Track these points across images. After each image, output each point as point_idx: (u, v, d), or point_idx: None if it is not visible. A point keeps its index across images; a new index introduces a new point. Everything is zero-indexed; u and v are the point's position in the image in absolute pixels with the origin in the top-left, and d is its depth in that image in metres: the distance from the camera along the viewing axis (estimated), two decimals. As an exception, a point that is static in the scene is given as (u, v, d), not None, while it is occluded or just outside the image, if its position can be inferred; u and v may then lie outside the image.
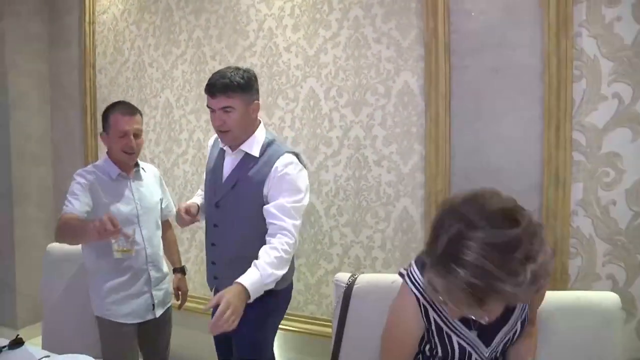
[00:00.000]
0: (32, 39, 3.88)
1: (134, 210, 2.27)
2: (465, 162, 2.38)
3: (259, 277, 1.74)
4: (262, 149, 1.97)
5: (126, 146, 2.20)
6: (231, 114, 1.90)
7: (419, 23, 2.46)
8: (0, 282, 3.89)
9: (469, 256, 0.99)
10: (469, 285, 0.99)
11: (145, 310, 2.31)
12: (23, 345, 1.96)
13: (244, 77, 1.90)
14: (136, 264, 2.26)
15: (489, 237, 1.01)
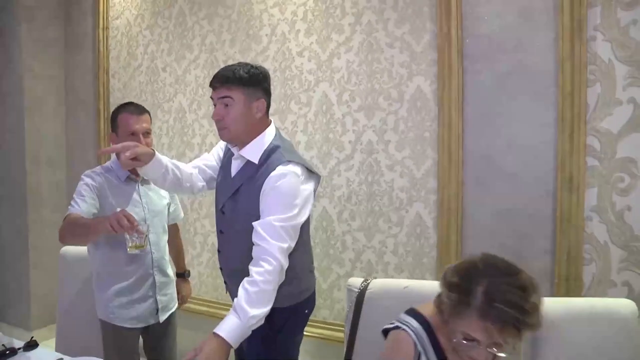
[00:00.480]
0: (47, 45, 3.97)
1: (142, 213, 2.25)
2: (478, 168, 2.39)
3: (238, 323, 1.60)
4: (264, 155, 1.81)
5: (141, 142, 2.14)
6: (230, 108, 1.78)
7: (432, 27, 2.48)
8: (14, 285, 3.98)
9: (508, 295, 1.23)
10: (509, 318, 1.22)
11: (149, 314, 2.30)
12: (37, 347, 2.01)
13: (248, 72, 1.79)
14: (142, 268, 2.25)
15: (515, 282, 1.26)
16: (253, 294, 1.62)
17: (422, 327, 1.41)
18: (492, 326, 1.21)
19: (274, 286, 1.67)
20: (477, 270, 1.29)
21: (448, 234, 2.44)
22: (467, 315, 1.24)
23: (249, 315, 1.59)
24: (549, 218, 2.25)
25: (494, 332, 1.21)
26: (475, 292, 1.24)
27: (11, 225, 3.99)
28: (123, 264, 2.22)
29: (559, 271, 2.21)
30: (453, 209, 2.43)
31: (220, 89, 1.79)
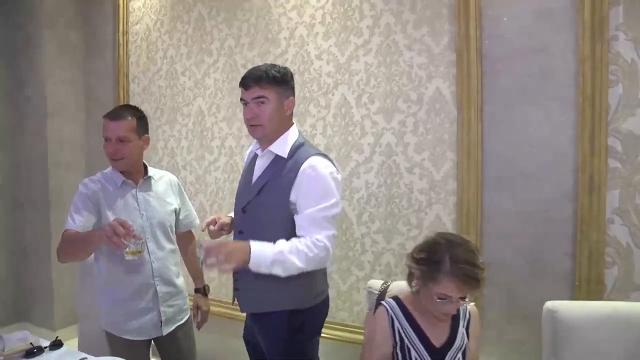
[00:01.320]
0: (68, 50, 4.10)
1: (139, 220, 2.18)
2: (498, 169, 2.41)
3: (269, 249, 1.70)
4: (292, 150, 1.89)
5: (107, 152, 2.15)
6: (264, 106, 1.85)
7: (451, 29, 2.51)
8: (38, 286, 4.12)
9: (468, 257, 1.62)
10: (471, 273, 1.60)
11: (152, 327, 2.23)
12: (62, 347, 2.09)
13: (279, 71, 1.87)
14: (141, 279, 2.18)
15: (468, 248, 1.65)
16: (295, 247, 1.72)
17: (395, 302, 1.81)
18: (459, 282, 1.58)
19: (313, 257, 1.73)
20: (440, 245, 1.64)
21: (467, 236, 2.43)
22: (440, 278, 1.60)
23: (279, 250, 1.70)
24: (569, 220, 2.26)
25: (462, 287, 1.59)
26: (444, 260, 1.60)
27: (34, 227, 4.12)
28: (121, 274, 2.17)
29: (580, 274, 2.23)
30: (472, 211, 2.45)
31: (254, 88, 1.85)
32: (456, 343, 1.75)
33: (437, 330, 1.76)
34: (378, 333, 1.78)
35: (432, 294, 1.63)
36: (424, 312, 1.75)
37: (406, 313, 1.77)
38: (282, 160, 1.88)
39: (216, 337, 3.15)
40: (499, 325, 2.39)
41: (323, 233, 1.76)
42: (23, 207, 4.18)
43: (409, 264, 1.74)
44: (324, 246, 1.75)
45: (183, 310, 2.36)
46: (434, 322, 1.75)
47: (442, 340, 1.75)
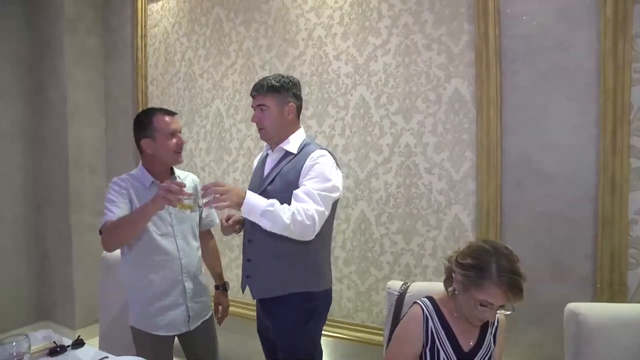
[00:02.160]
0: (88, 54, 4.21)
1: (168, 218, 2.27)
2: (517, 169, 2.42)
3: (263, 201, 1.89)
4: (300, 147, 2.13)
5: (177, 145, 2.27)
6: (266, 112, 2.12)
7: (470, 28, 2.53)
8: (59, 285, 4.25)
9: (513, 267, 1.62)
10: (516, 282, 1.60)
11: (181, 322, 2.31)
12: (84, 346, 2.14)
13: (279, 81, 2.11)
14: (171, 275, 2.27)
15: (513, 258, 1.64)
16: (285, 206, 1.90)
17: (430, 302, 1.81)
18: (504, 291, 1.59)
19: (299, 220, 1.89)
20: (487, 252, 1.64)
21: (487, 237, 2.46)
22: (485, 285, 1.61)
23: (271, 203, 1.88)
24: (590, 221, 2.25)
25: (505, 295, 1.59)
26: (490, 268, 1.61)
27: (55, 228, 4.24)
28: (151, 271, 2.25)
29: (602, 276, 2.22)
30: (492, 212, 2.46)
31: (257, 97, 2.14)
32: (483, 349, 1.78)
33: (467, 334, 1.78)
34: (411, 330, 1.79)
35: (474, 299, 1.64)
36: (456, 315, 1.77)
37: (440, 314, 1.78)
38: (292, 155, 2.12)
39: (236, 337, 3.18)
40: (519, 327, 2.39)
41: (314, 206, 1.92)
42: (44, 208, 4.31)
43: (451, 267, 1.75)
44: (311, 216, 1.90)
45: (207, 306, 2.46)
46: (465, 326, 1.77)
47: (471, 345, 1.77)
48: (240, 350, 3.32)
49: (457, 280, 1.70)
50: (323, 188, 1.97)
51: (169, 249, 2.26)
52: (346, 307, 2.95)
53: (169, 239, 2.26)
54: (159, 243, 2.24)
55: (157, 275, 2.25)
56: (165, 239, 2.25)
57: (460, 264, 1.69)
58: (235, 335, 3.05)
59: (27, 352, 1.75)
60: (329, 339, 2.90)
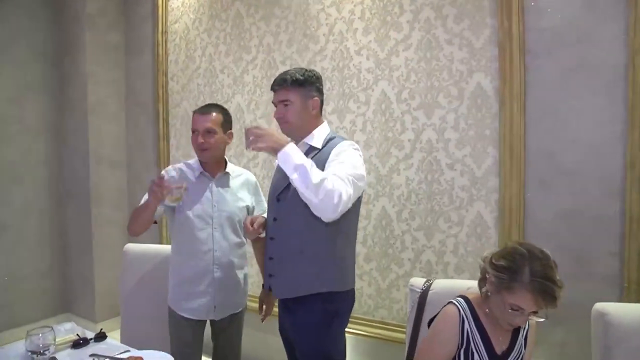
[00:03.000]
0: (109, 50, 4.31)
1: (210, 210, 2.39)
2: (541, 166, 2.41)
3: (301, 156, 1.82)
4: (325, 141, 2.07)
5: (194, 143, 2.39)
6: (289, 107, 2.04)
7: (493, 22, 2.52)
8: (80, 279, 4.38)
9: (547, 272, 1.58)
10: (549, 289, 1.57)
11: (206, 310, 2.42)
12: (106, 339, 2.21)
13: (303, 75, 2.05)
14: (202, 264, 2.39)
15: (548, 263, 1.62)
16: (320, 172, 1.81)
17: (465, 302, 1.78)
18: (535, 296, 1.56)
19: (328, 189, 1.78)
20: (521, 255, 1.62)
21: (509, 234, 2.47)
22: (516, 289, 1.59)
23: (304, 164, 1.79)
24: (617, 219, 2.24)
25: (537, 301, 1.57)
26: (523, 271, 1.58)
27: (76, 222, 4.36)
28: (185, 257, 2.42)
29: (629, 275, 2.21)
30: (515, 209, 2.46)
31: (280, 91, 2.07)
32: (515, 352, 1.77)
33: (500, 337, 1.76)
34: (446, 331, 1.76)
35: (505, 303, 1.62)
36: (490, 316, 1.75)
37: (475, 315, 1.76)
38: (316, 150, 2.05)
39: (259, 335, 3.21)
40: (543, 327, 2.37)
41: (345, 187, 1.81)
42: (66, 202, 4.43)
43: (485, 268, 1.72)
44: (339, 194, 1.78)
45: (239, 302, 2.54)
46: (498, 328, 1.75)
47: (503, 348, 1.75)
48: (262, 349, 3.35)
49: (490, 281, 1.68)
50: (353, 174, 1.88)
51: (204, 239, 2.38)
52: (367, 304, 2.97)
53: (206, 230, 2.38)
54: (195, 232, 2.37)
55: (189, 261, 2.40)
56: (203, 229, 2.38)
57: (493, 265, 1.67)
58: (258, 332, 3.07)
59: (52, 344, 1.81)
60: (349, 336, 2.91)
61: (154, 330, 2.62)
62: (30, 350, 1.77)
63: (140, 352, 1.99)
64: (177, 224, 2.43)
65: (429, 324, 1.88)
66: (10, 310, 4.06)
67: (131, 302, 2.78)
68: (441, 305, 1.85)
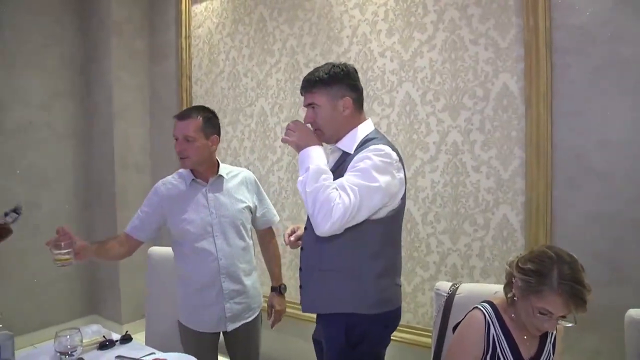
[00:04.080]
0: (134, 56, 4.45)
1: (208, 218, 2.29)
2: (569, 168, 2.39)
3: (319, 160, 1.76)
4: (359, 144, 1.85)
5: (175, 150, 2.28)
6: (318, 110, 1.88)
7: (518, 21, 2.52)
8: (107, 281, 4.51)
9: (576, 276, 1.57)
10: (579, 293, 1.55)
11: (217, 322, 2.33)
12: (132, 341, 2.26)
13: (328, 72, 1.85)
14: (208, 274, 2.30)
15: (577, 266, 1.60)
16: (325, 186, 1.68)
17: (491, 308, 1.78)
18: (565, 300, 1.55)
19: (313, 194, 1.68)
20: (549, 258, 1.61)
21: (536, 238, 2.46)
22: (544, 293, 1.58)
23: (314, 168, 1.72)
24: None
25: (566, 305, 1.56)
26: (551, 275, 1.58)
27: (102, 225, 4.49)
28: (189, 269, 2.33)
29: (664, 280, 2.15)
30: (542, 211, 2.44)
31: (306, 95, 1.92)
32: (543, 358, 1.75)
33: (528, 342, 1.75)
34: (472, 336, 1.75)
35: (533, 307, 1.61)
36: (516, 322, 1.74)
37: (501, 321, 1.75)
38: (350, 155, 1.84)
39: (282, 337, 3.23)
40: (573, 333, 2.34)
41: (343, 200, 1.65)
42: (93, 206, 4.57)
43: (511, 272, 1.71)
44: (332, 208, 1.64)
45: (251, 308, 2.43)
46: (525, 334, 1.74)
47: (531, 354, 1.74)
48: (283, 351, 3.37)
49: (517, 285, 1.67)
50: (359, 184, 1.68)
51: (207, 248, 2.28)
52: (391, 307, 2.96)
53: (207, 239, 2.29)
54: (195, 243, 2.28)
55: (194, 273, 2.32)
56: (203, 239, 2.28)
57: (520, 269, 1.65)
58: (280, 334, 3.09)
59: (80, 345, 1.86)
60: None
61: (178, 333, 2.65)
62: (59, 351, 1.82)
63: (165, 354, 2.01)
64: (176, 238, 2.35)
65: (454, 330, 1.87)
66: (41, 311, 4.21)
67: (156, 304, 2.82)
68: (467, 309, 1.84)
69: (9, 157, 4.03)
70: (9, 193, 4.01)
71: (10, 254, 3.98)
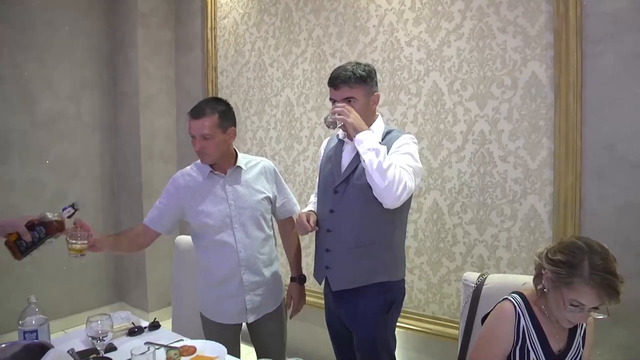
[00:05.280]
0: (160, 47, 4.54)
1: (227, 210, 2.30)
2: (598, 158, 2.38)
3: (375, 140, 1.96)
4: (383, 135, 2.13)
5: (194, 148, 2.27)
6: (354, 104, 2.06)
7: (548, 8, 2.50)
8: (133, 270, 4.64)
9: (608, 266, 1.56)
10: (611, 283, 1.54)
11: (238, 314, 2.35)
12: (160, 328, 2.33)
13: (365, 70, 2.08)
14: (227, 266, 2.31)
15: (609, 256, 1.59)
16: (392, 162, 1.93)
17: (521, 299, 1.77)
18: (597, 291, 1.54)
19: (388, 171, 1.89)
20: (579, 249, 1.60)
21: (565, 229, 2.45)
22: (575, 284, 1.56)
23: (380, 148, 1.92)
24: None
25: (598, 296, 1.55)
26: (582, 265, 1.57)
27: (129, 215, 4.62)
28: (209, 261, 2.36)
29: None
30: (570, 202, 2.44)
31: (343, 88, 2.08)
32: (572, 351, 1.75)
33: (557, 335, 1.74)
34: (502, 327, 1.75)
35: (564, 299, 1.59)
36: (546, 314, 1.73)
37: (531, 313, 1.75)
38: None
39: (306, 326, 3.26)
40: (603, 327, 2.33)
41: (408, 178, 1.94)
42: (119, 195, 4.70)
43: (541, 264, 1.71)
44: (403, 183, 1.91)
45: (273, 299, 2.44)
46: (554, 326, 1.73)
47: (561, 347, 1.74)
48: (309, 340, 3.42)
49: (547, 277, 1.66)
50: (415, 167, 2.01)
51: (226, 240, 2.29)
52: (417, 298, 2.99)
53: (226, 232, 2.30)
54: (215, 236, 2.30)
55: (214, 265, 2.34)
56: (222, 231, 2.29)
57: (550, 260, 1.65)
58: (305, 324, 3.12)
59: (110, 331, 1.91)
60: (400, 330, 2.95)
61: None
62: (91, 336, 1.87)
63: (193, 341, 2.05)
64: (196, 230, 2.37)
65: (482, 321, 1.88)
66: (72, 297, 4.38)
67: (183, 292, 2.87)
68: (495, 300, 1.85)
69: (39, 147, 4.16)
70: (39, 183, 4.16)
71: (41, 242, 4.11)
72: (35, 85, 4.10)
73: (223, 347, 1.96)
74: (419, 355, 3.02)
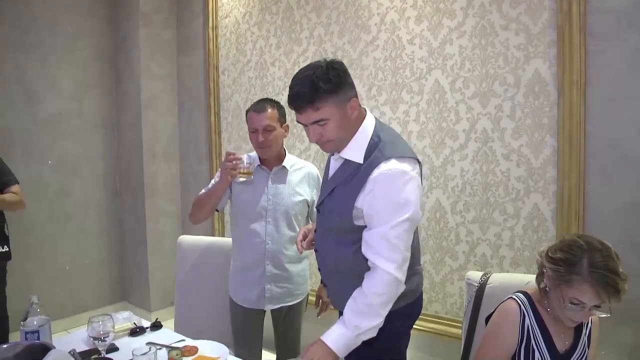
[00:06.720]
0: (162, 46, 4.54)
1: (264, 203, 2.44)
2: (602, 156, 2.35)
3: (344, 332, 1.63)
4: (367, 153, 1.71)
5: (255, 141, 2.41)
6: (327, 125, 1.65)
7: (551, 4, 2.48)
8: (136, 269, 4.65)
9: (609, 264, 1.55)
10: (611, 281, 1.53)
11: (256, 300, 2.49)
12: (162, 328, 2.32)
13: (330, 79, 1.61)
14: (254, 255, 2.46)
15: (609, 254, 1.58)
16: (361, 305, 1.63)
17: (525, 298, 1.76)
18: (596, 289, 1.53)
19: (385, 299, 1.64)
20: (579, 247, 1.60)
21: (568, 228, 2.44)
22: (575, 282, 1.56)
23: (354, 324, 1.62)
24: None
25: (598, 294, 1.54)
26: (581, 263, 1.57)
27: (132, 214, 4.62)
28: (240, 247, 2.53)
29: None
30: (574, 201, 2.42)
31: (308, 111, 1.64)
32: (578, 350, 1.74)
33: (562, 334, 1.73)
34: (507, 326, 1.75)
35: (564, 297, 1.60)
36: (551, 313, 1.72)
37: (535, 312, 1.74)
38: (357, 165, 1.72)
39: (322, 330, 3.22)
40: (607, 327, 2.30)
41: (388, 262, 1.61)
42: (122, 195, 4.70)
43: (542, 263, 1.70)
44: (393, 281, 1.63)
45: (294, 294, 2.55)
46: (560, 326, 1.72)
47: (566, 346, 1.73)
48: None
49: (548, 275, 1.66)
50: (399, 223, 1.61)
51: (258, 231, 2.44)
52: (419, 297, 2.96)
53: (259, 222, 2.44)
54: (249, 224, 2.45)
55: (243, 252, 2.51)
56: (256, 222, 2.44)
57: (550, 258, 1.65)
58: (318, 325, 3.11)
59: (112, 331, 1.90)
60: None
61: (207, 321, 2.74)
62: (92, 336, 1.87)
63: (195, 341, 2.06)
64: (235, 215, 2.53)
65: (486, 321, 1.87)
66: (74, 297, 4.38)
67: (185, 292, 2.87)
68: (499, 300, 1.84)
69: (42, 147, 4.17)
70: (42, 182, 4.16)
71: (43, 241, 4.14)
72: (38, 84, 4.11)
73: (225, 347, 2.01)
74: (422, 355, 3.00)
